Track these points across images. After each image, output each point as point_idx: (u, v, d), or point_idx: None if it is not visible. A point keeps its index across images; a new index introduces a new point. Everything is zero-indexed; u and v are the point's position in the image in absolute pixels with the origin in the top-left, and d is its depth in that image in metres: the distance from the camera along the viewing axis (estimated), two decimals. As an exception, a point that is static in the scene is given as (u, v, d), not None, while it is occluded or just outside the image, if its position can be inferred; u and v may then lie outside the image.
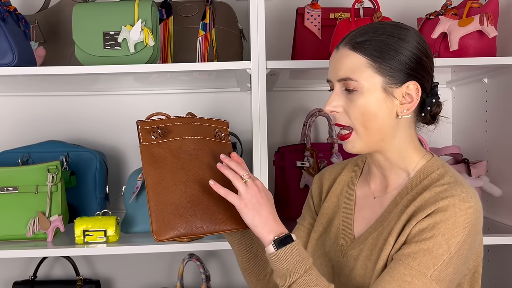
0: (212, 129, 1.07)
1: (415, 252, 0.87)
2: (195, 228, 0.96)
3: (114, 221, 1.33)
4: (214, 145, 1.05)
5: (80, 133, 1.79)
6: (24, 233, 1.34)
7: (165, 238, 0.95)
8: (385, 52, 0.92)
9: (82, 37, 1.33)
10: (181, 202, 0.96)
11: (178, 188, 0.97)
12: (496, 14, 1.39)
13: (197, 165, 1.00)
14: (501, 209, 1.51)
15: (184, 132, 1.03)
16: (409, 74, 0.93)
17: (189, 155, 1.01)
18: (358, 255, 0.97)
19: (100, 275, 1.81)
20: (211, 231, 0.97)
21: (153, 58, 1.34)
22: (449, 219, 0.88)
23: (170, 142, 1.01)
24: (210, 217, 0.97)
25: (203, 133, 1.05)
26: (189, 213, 0.96)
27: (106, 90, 1.77)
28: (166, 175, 0.98)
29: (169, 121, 1.04)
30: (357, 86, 0.92)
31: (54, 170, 1.37)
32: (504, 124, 1.49)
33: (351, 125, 0.95)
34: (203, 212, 0.97)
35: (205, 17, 1.54)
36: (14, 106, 1.78)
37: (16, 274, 1.77)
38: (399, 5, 1.78)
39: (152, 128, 1.03)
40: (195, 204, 0.97)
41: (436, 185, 0.93)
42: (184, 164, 1.00)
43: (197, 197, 0.97)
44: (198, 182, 0.99)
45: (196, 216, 0.96)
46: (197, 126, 1.06)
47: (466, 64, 1.36)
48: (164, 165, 0.99)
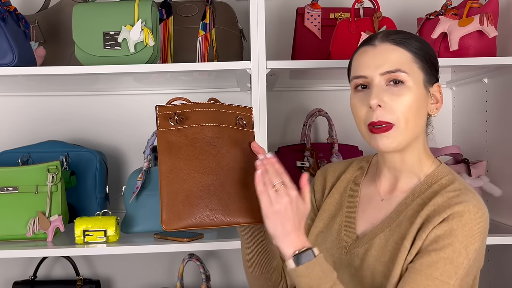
0: (234, 116, 1.02)
1: (436, 261, 0.87)
2: (206, 219, 0.93)
3: (114, 221, 1.33)
4: (234, 133, 1.00)
5: (80, 133, 1.79)
6: (24, 233, 1.34)
7: (174, 228, 0.93)
8: (424, 51, 0.96)
9: (82, 37, 1.33)
10: (193, 192, 0.94)
11: (191, 177, 0.94)
12: (496, 14, 1.39)
13: (213, 154, 0.97)
14: (501, 209, 1.51)
15: (203, 118, 0.99)
16: (435, 76, 0.98)
17: (206, 143, 0.98)
18: (364, 254, 0.97)
19: (100, 275, 1.81)
20: (223, 223, 0.94)
21: (153, 58, 1.34)
22: (465, 226, 0.88)
23: (187, 129, 0.98)
24: (223, 209, 0.94)
25: (223, 120, 1.01)
26: (200, 204, 0.93)
27: (106, 90, 1.77)
28: (180, 163, 0.95)
29: (188, 106, 1.00)
30: (407, 78, 0.92)
31: (54, 170, 1.37)
32: (504, 124, 1.49)
33: (394, 121, 0.92)
34: (216, 204, 0.94)
35: (205, 17, 1.54)
36: (14, 106, 1.78)
37: (16, 274, 1.77)
38: (399, 5, 1.78)
39: (170, 113, 0.99)
40: (207, 195, 0.94)
41: (447, 190, 0.94)
42: (200, 152, 0.96)
43: (210, 188, 0.94)
44: (213, 172, 0.95)
45: (208, 207, 0.94)
46: (217, 112, 1.01)
47: (466, 64, 1.36)
48: (179, 153, 0.96)
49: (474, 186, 1.43)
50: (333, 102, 1.79)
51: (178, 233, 1.37)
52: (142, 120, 1.78)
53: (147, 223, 1.41)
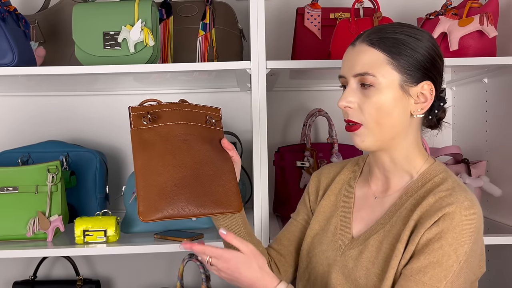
0: (203, 115, 1.10)
1: (425, 266, 0.87)
2: (181, 210, 0.98)
3: (114, 221, 1.33)
4: (204, 131, 1.08)
5: (80, 133, 1.79)
6: (24, 233, 1.34)
7: (151, 219, 0.97)
8: (403, 49, 0.92)
9: (82, 37, 1.33)
10: (168, 185, 0.99)
11: (166, 171, 1.00)
12: (496, 14, 1.39)
13: (186, 150, 1.03)
14: (501, 209, 1.51)
15: (174, 117, 1.06)
16: (424, 74, 0.94)
17: (178, 140, 1.04)
18: (358, 255, 0.97)
19: (100, 275, 1.81)
20: (197, 214, 1.00)
21: (153, 58, 1.34)
22: (456, 227, 0.87)
23: (160, 127, 1.04)
24: (196, 200, 1.00)
25: (193, 119, 1.08)
26: (175, 196, 0.99)
27: (106, 90, 1.77)
28: (154, 159, 1.01)
29: (160, 106, 1.07)
30: (375, 81, 0.92)
31: (54, 170, 1.37)
32: (504, 124, 1.49)
33: (362, 122, 0.94)
34: (190, 195, 0.99)
35: (205, 17, 1.54)
36: (14, 106, 1.78)
37: (16, 274, 1.77)
38: (399, 5, 1.78)
39: (143, 113, 1.05)
40: (182, 187, 0.99)
41: (440, 189, 0.93)
42: (173, 148, 1.03)
43: (184, 181, 1.00)
44: (186, 166, 1.02)
45: (182, 199, 0.99)
46: (187, 112, 1.08)
47: (466, 64, 1.36)
48: (153, 149, 1.02)
49: (474, 186, 1.43)
50: (333, 102, 1.79)
51: (178, 233, 1.37)
52: (142, 120, 1.78)
53: (147, 223, 1.41)
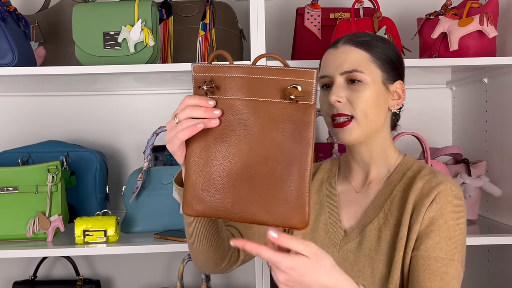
0: (283, 84, 0.79)
1: (437, 242, 0.93)
2: (224, 212, 0.81)
3: (114, 221, 1.33)
4: (279, 110, 0.80)
5: (80, 133, 1.79)
6: (24, 233, 1.34)
7: (189, 213, 0.83)
8: (380, 49, 1.03)
9: (82, 37, 1.33)
10: (214, 179, 0.81)
11: (216, 160, 0.81)
12: (496, 14, 1.39)
13: (244, 139, 0.81)
14: (501, 209, 1.51)
15: (237, 89, 0.81)
16: (397, 73, 1.05)
17: (238, 122, 0.81)
18: (357, 247, 1.00)
19: (100, 275, 1.81)
20: (243, 220, 0.81)
21: (153, 58, 1.34)
22: (452, 202, 0.95)
23: (218, 101, 0.82)
24: (246, 204, 0.80)
25: (264, 92, 0.80)
26: (220, 193, 0.81)
27: (106, 90, 1.77)
28: (207, 143, 0.82)
29: (226, 69, 0.81)
30: (363, 77, 1.00)
31: (54, 170, 1.37)
32: (504, 124, 1.49)
33: (353, 114, 1.00)
34: (238, 197, 0.80)
35: (205, 17, 1.54)
36: (14, 106, 1.78)
37: (16, 274, 1.77)
38: (399, 5, 1.78)
39: (204, 77, 0.82)
40: (229, 186, 0.81)
41: (422, 174, 1.01)
42: (228, 133, 0.81)
43: (234, 177, 0.80)
44: (240, 160, 0.80)
45: (228, 199, 0.81)
46: (259, 81, 0.80)
47: (466, 64, 1.36)
48: (205, 132, 0.82)
49: (474, 186, 1.43)
50: (333, 102, 1.79)
51: (178, 233, 1.37)
52: (142, 120, 1.78)
53: (147, 223, 1.41)
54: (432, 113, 1.81)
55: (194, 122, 0.80)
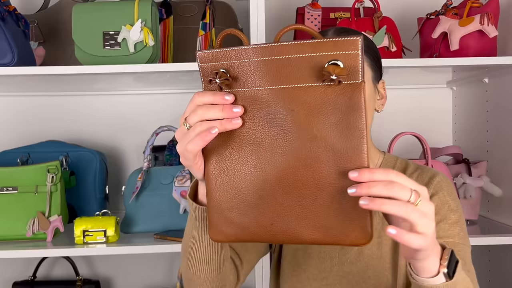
0: (318, 63, 0.61)
1: (447, 229, 0.92)
2: (263, 233, 0.66)
3: (113, 221, 1.32)
4: (316, 97, 0.61)
5: (80, 133, 1.78)
6: (23, 233, 1.34)
7: (220, 240, 0.69)
8: (371, 49, 0.96)
9: (81, 37, 1.32)
10: (243, 195, 0.66)
11: (241, 173, 0.66)
12: (496, 13, 1.39)
13: (276, 140, 0.64)
14: (501, 209, 1.51)
15: (261, 76, 0.63)
16: (380, 73, 0.98)
17: (266, 119, 0.64)
18: (357, 257, 0.96)
19: (100, 275, 1.81)
20: (288, 240, 0.65)
21: (153, 58, 1.34)
22: (448, 191, 0.95)
23: (237, 96, 0.65)
24: (288, 223, 0.65)
25: (295, 75, 0.62)
26: (254, 212, 0.66)
27: (106, 90, 1.77)
28: (227, 153, 0.67)
29: (242, 53, 0.63)
30: None
31: (53, 170, 1.37)
32: (505, 124, 1.49)
33: None
34: (275, 213, 0.65)
35: (205, 16, 1.54)
36: (14, 106, 1.78)
37: (16, 274, 1.77)
38: (399, 4, 1.77)
39: (215, 66, 0.66)
40: (263, 201, 0.65)
41: (410, 170, 1.00)
42: (255, 135, 0.65)
43: (269, 189, 0.65)
44: (274, 167, 0.64)
45: (265, 217, 0.65)
46: (286, 62, 0.62)
47: (467, 64, 1.35)
48: (227, 137, 0.67)
49: (475, 186, 1.43)
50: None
51: (178, 233, 1.37)
52: (142, 120, 1.78)
53: (147, 223, 1.41)
54: (433, 113, 1.81)
55: (207, 125, 0.64)
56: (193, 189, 0.79)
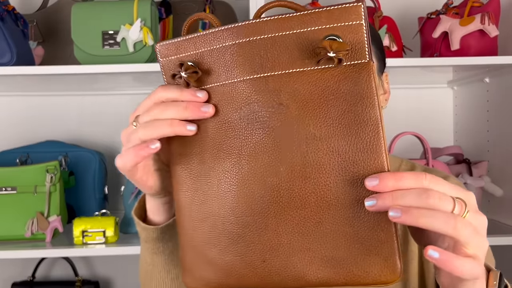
0: (310, 40, 0.47)
1: None
2: (250, 275, 0.49)
3: (113, 221, 1.32)
4: (312, 85, 0.47)
5: (79, 133, 1.78)
6: (22, 233, 1.34)
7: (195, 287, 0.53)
8: (372, 34, 0.81)
9: (81, 36, 1.32)
10: (223, 224, 0.50)
11: (218, 196, 0.50)
12: (497, 13, 1.38)
13: (262, 146, 0.48)
14: (502, 209, 1.50)
15: (238, 64, 0.49)
16: (384, 63, 0.84)
17: (248, 119, 0.49)
18: None
19: (99, 276, 1.80)
20: (287, 284, 0.48)
21: (152, 58, 1.33)
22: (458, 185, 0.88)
23: (210, 92, 0.51)
24: (285, 257, 0.48)
25: (282, 59, 0.48)
26: (236, 246, 0.49)
27: (105, 90, 1.76)
28: (197, 169, 0.51)
29: (212, 38, 0.50)
30: None
31: (52, 170, 1.36)
32: (506, 124, 1.48)
33: None
34: (267, 246, 0.48)
35: (204, 16, 1.53)
36: (13, 106, 1.78)
37: (15, 275, 1.76)
38: (400, 4, 1.77)
39: (179, 59, 0.53)
40: (250, 230, 0.49)
41: None
42: (234, 141, 0.49)
43: (257, 213, 0.48)
44: (261, 183, 0.48)
45: (252, 252, 0.49)
46: (270, 42, 0.48)
47: (467, 64, 1.35)
48: (196, 148, 0.52)
49: (476, 186, 1.42)
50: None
51: (177, 233, 1.36)
52: (141, 120, 1.77)
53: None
54: (433, 113, 1.80)
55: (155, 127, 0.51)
56: (140, 204, 0.66)
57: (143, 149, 0.51)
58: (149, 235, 0.63)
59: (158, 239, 0.63)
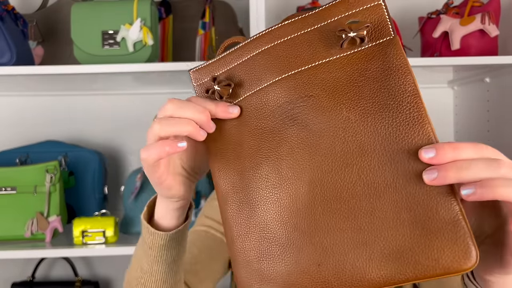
0: (331, 30, 0.49)
1: None
2: (307, 281, 0.45)
3: (113, 221, 1.32)
4: (340, 72, 0.47)
5: (79, 133, 1.78)
6: (22, 233, 1.33)
7: None
8: None
9: (80, 36, 1.32)
10: (272, 234, 0.48)
11: (262, 204, 0.49)
12: (497, 13, 1.38)
13: (298, 142, 0.48)
14: (503, 210, 1.50)
15: (265, 69, 0.51)
16: None
17: (279, 122, 0.49)
18: None
19: (99, 276, 1.80)
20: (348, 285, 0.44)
21: (152, 57, 1.33)
22: None
23: (244, 105, 0.52)
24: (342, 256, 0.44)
25: (306, 55, 0.49)
26: (289, 253, 0.46)
27: (105, 90, 1.76)
28: (239, 180, 0.51)
29: (240, 53, 0.53)
30: None
31: (52, 170, 1.36)
32: (506, 124, 1.48)
33: None
34: (320, 247, 0.45)
35: (204, 16, 1.53)
36: (12, 106, 1.78)
37: (14, 275, 1.76)
38: (400, 4, 1.77)
39: (207, 82, 0.56)
40: (300, 233, 0.46)
41: None
42: (269, 147, 0.49)
43: (305, 215, 0.46)
44: (304, 181, 0.47)
45: (306, 256, 0.46)
46: (292, 42, 0.50)
47: (468, 64, 1.35)
48: (232, 160, 0.51)
49: (476, 186, 1.42)
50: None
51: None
52: (141, 120, 1.77)
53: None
54: (434, 113, 1.80)
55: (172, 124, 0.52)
56: (149, 208, 0.63)
57: (170, 145, 0.50)
58: (156, 241, 0.61)
59: (164, 247, 0.61)
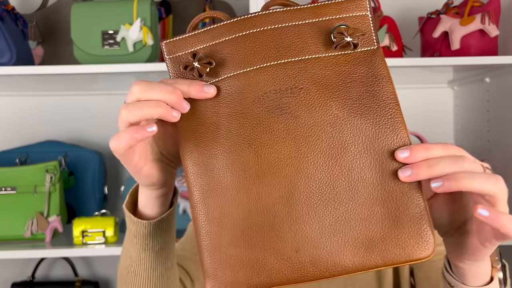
0: (322, 29, 0.51)
1: None
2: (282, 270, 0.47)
3: (113, 221, 1.32)
4: (328, 69, 0.50)
5: (79, 133, 1.78)
6: (22, 233, 1.33)
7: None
8: None
9: (80, 36, 1.32)
10: (251, 219, 0.48)
11: (244, 189, 0.48)
12: (497, 13, 1.38)
13: (286, 133, 0.49)
14: (502, 210, 1.50)
15: (253, 53, 0.51)
16: None
17: (266, 110, 0.49)
18: None
19: (99, 276, 1.80)
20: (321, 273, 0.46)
21: (152, 57, 1.33)
22: None
23: (223, 86, 0.51)
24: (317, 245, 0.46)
25: (297, 47, 0.51)
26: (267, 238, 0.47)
27: (105, 90, 1.76)
28: (215, 163, 0.49)
29: (224, 30, 0.52)
30: None
31: (52, 170, 1.36)
32: (506, 124, 1.48)
33: None
34: (299, 234, 0.47)
35: (204, 16, 1.53)
36: (12, 106, 1.77)
37: (14, 275, 1.76)
38: (400, 4, 1.77)
39: (186, 56, 0.52)
40: (280, 220, 0.47)
41: None
42: (255, 131, 0.49)
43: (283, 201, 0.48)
44: (287, 169, 0.48)
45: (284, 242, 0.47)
46: (283, 31, 0.51)
47: (468, 64, 1.35)
48: (215, 140, 0.50)
49: (476, 186, 1.42)
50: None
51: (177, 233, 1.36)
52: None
53: (146, 224, 1.40)
54: (434, 113, 1.80)
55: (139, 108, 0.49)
56: (132, 197, 0.62)
57: (138, 131, 0.49)
58: (140, 230, 0.60)
59: (149, 235, 0.60)
